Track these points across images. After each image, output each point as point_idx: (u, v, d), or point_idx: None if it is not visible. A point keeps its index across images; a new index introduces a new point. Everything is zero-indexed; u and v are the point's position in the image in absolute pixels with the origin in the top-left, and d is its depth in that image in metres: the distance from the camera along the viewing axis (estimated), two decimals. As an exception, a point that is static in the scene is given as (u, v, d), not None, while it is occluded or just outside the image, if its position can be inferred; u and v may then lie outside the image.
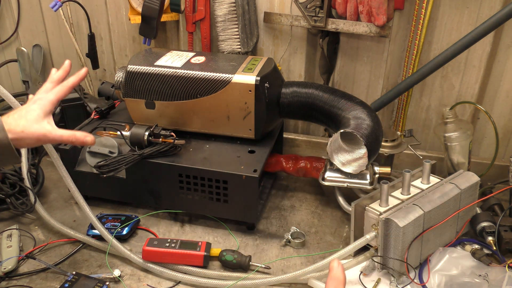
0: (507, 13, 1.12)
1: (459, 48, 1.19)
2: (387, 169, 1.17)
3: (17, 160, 0.78)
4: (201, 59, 1.24)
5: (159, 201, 1.22)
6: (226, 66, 1.19)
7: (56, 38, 1.62)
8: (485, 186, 1.27)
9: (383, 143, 1.23)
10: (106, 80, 1.62)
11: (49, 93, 0.82)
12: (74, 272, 1.03)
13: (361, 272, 1.04)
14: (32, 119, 0.75)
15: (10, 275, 1.05)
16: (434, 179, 1.14)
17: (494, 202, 1.18)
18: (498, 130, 1.29)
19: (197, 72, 1.17)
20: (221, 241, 1.17)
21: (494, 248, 1.06)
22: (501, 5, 1.22)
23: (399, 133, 1.31)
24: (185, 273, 1.05)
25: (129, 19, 1.42)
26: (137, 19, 1.40)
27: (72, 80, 0.87)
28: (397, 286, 1.00)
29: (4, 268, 1.04)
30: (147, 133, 1.17)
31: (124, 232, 1.15)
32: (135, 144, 1.18)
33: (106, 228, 1.12)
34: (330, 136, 1.41)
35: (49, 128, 0.76)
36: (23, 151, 1.18)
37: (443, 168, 1.31)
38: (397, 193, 1.10)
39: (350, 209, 1.07)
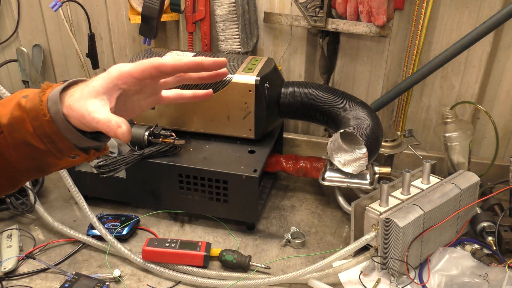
0: (507, 13, 1.12)
1: (459, 48, 1.19)
2: (387, 169, 1.17)
3: (82, 140, 0.58)
4: (201, 59, 1.24)
5: (159, 201, 1.22)
6: (226, 66, 1.19)
7: (56, 38, 1.62)
8: (485, 186, 1.27)
9: (383, 143, 1.23)
10: (106, 80, 1.62)
11: (127, 64, 0.59)
12: (74, 272, 1.03)
13: (361, 272, 1.04)
14: (86, 93, 0.56)
15: (10, 275, 1.05)
16: (434, 179, 1.14)
17: (494, 202, 1.18)
18: (498, 130, 1.29)
19: (197, 72, 1.17)
20: (221, 241, 1.17)
21: (494, 248, 1.06)
22: (501, 5, 1.21)
23: (399, 133, 1.31)
24: (185, 273, 1.05)
25: (129, 19, 1.42)
26: (137, 19, 1.40)
27: (166, 61, 0.58)
28: (397, 286, 1.00)
29: (4, 268, 1.04)
30: (147, 133, 1.17)
31: (124, 232, 1.15)
32: (135, 144, 1.18)
33: (106, 228, 1.12)
34: (330, 136, 1.41)
35: (90, 109, 0.55)
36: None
37: (443, 168, 1.31)
38: (397, 193, 1.10)
39: (350, 209, 1.07)
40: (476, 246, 1.07)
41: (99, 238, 1.13)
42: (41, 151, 0.57)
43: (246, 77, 1.15)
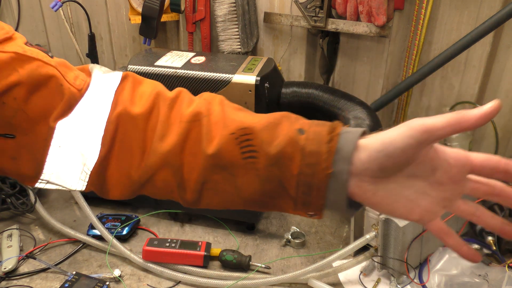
0: (507, 13, 1.12)
1: (459, 48, 1.19)
2: (387, 169, 1.17)
3: (341, 207, 0.47)
4: (201, 59, 1.24)
5: (159, 201, 1.22)
6: (226, 66, 1.19)
7: (56, 38, 1.62)
8: (485, 186, 1.26)
9: (383, 143, 1.22)
10: (106, 80, 1.62)
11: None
12: (74, 272, 1.03)
13: (361, 272, 1.04)
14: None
15: (10, 275, 1.05)
16: (434, 179, 1.14)
17: (494, 202, 1.18)
18: (498, 130, 1.29)
19: (197, 72, 1.17)
20: (221, 241, 1.17)
21: (494, 248, 1.06)
22: (501, 5, 1.21)
23: (399, 133, 1.31)
24: (185, 273, 1.05)
25: (129, 19, 1.42)
26: (137, 19, 1.40)
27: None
28: (397, 286, 1.00)
29: (4, 268, 1.04)
30: (147, 133, 1.17)
31: (124, 232, 1.15)
32: (135, 144, 1.18)
33: (106, 228, 1.13)
34: (330, 136, 1.40)
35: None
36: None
37: (443, 168, 1.31)
38: (397, 193, 1.10)
39: (350, 209, 1.07)
40: (476, 246, 1.07)
41: (99, 238, 1.13)
42: (286, 195, 0.48)
43: (246, 77, 1.15)
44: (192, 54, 1.28)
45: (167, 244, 1.07)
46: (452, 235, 0.49)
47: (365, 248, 1.04)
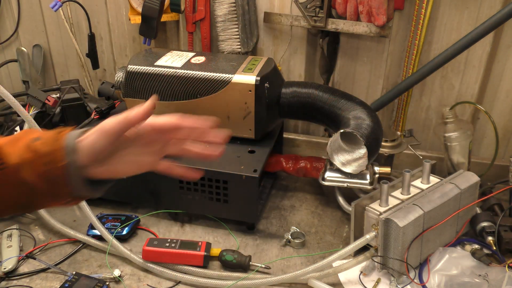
0: (507, 13, 1.12)
1: (459, 48, 1.19)
2: (387, 169, 1.17)
3: (85, 188, 0.63)
4: (201, 59, 1.24)
5: (159, 201, 1.22)
6: (226, 66, 1.19)
7: (56, 38, 1.62)
8: (485, 186, 1.27)
9: (383, 143, 1.23)
10: (106, 80, 1.62)
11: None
12: (74, 272, 1.03)
13: (361, 272, 1.05)
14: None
15: (10, 275, 1.05)
16: (434, 179, 1.14)
17: (494, 202, 1.18)
18: (498, 130, 1.29)
19: (197, 72, 1.17)
20: (221, 241, 1.17)
21: (494, 248, 1.06)
22: (501, 5, 1.22)
23: (399, 133, 1.31)
24: (185, 273, 1.05)
25: (129, 19, 1.42)
26: (137, 19, 1.40)
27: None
28: (397, 286, 1.00)
29: (4, 268, 1.04)
30: (147, 133, 1.17)
31: (124, 232, 1.15)
32: (135, 144, 1.18)
33: (106, 228, 1.13)
34: (330, 136, 1.41)
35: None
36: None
37: (443, 168, 1.31)
38: (397, 193, 1.10)
39: (350, 209, 1.07)
40: (476, 246, 1.07)
41: (99, 238, 1.13)
42: (40, 192, 0.60)
43: (246, 77, 1.15)
44: (192, 54, 1.28)
45: (167, 244, 1.07)
46: (175, 168, 0.69)
47: (365, 248, 1.04)
